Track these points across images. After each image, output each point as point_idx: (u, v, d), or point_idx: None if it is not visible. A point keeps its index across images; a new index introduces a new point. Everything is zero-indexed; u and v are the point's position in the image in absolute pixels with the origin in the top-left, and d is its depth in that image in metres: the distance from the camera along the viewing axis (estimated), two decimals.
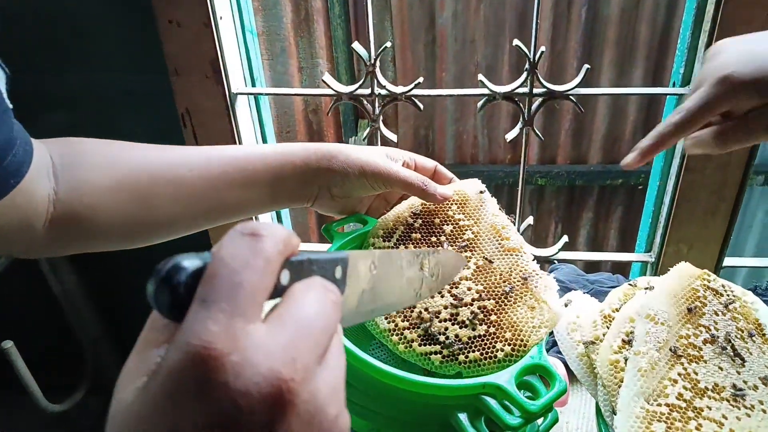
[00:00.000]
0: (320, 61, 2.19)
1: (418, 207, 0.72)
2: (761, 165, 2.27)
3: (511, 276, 0.69)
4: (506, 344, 0.63)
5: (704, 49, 0.85)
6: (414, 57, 2.17)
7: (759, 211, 2.41)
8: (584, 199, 2.31)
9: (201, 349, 0.22)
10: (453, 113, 2.24)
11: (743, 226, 2.44)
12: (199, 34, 0.91)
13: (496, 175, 2.26)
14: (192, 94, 0.96)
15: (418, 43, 2.15)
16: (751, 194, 2.36)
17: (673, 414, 0.50)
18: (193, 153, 0.63)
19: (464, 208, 0.73)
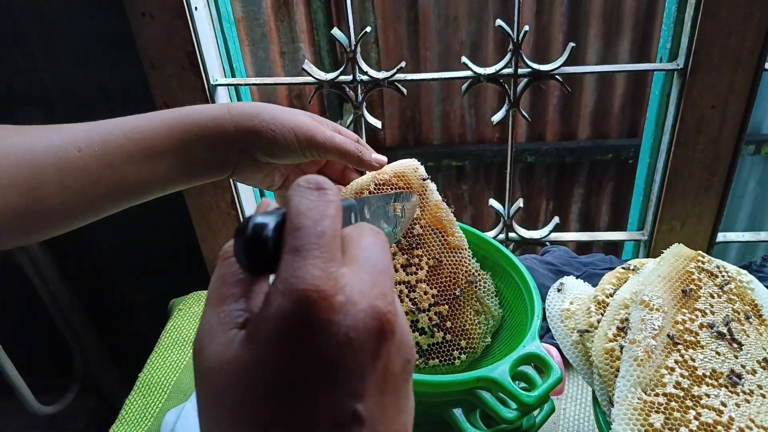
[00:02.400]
0: (302, 45, 2.15)
1: None
2: (751, 134, 2.26)
3: (458, 277, 0.68)
4: (462, 352, 0.66)
5: (690, 22, 0.83)
6: (397, 37, 2.13)
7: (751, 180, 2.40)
8: (575, 176, 2.30)
9: (311, 293, 0.25)
10: (439, 93, 2.21)
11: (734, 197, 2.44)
12: (174, 26, 0.88)
13: (484, 154, 2.24)
14: (169, 87, 0.93)
15: (400, 22, 2.12)
16: (743, 164, 2.35)
17: (671, 404, 0.49)
18: (82, 129, 0.54)
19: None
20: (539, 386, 0.54)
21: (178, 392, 0.87)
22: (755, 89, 0.87)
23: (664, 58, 0.90)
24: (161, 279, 1.24)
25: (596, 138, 2.23)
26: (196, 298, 1.04)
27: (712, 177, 0.94)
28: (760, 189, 2.41)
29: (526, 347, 0.58)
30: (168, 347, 0.94)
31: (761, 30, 0.83)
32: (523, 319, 0.65)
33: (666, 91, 0.91)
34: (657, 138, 0.96)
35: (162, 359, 0.92)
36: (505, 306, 0.70)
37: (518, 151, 2.24)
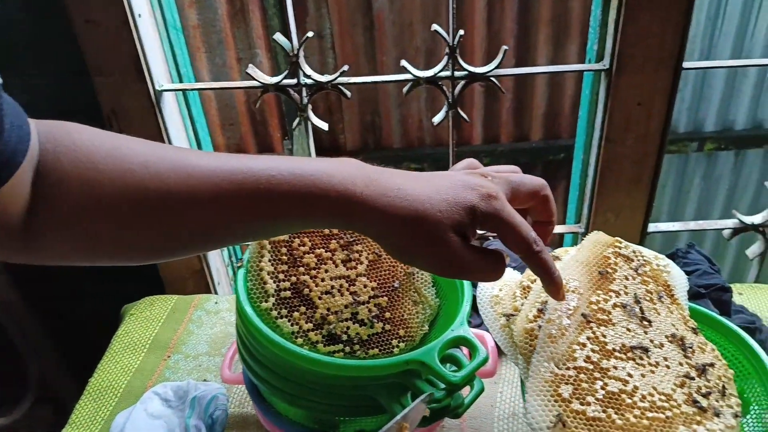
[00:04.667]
0: (259, 51, 2.17)
1: None
2: (695, 132, 2.36)
3: (396, 270, 0.72)
4: (400, 341, 0.69)
5: (614, 25, 0.88)
6: (353, 43, 2.17)
7: (696, 176, 2.50)
8: None
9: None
10: (397, 98, 2.25)
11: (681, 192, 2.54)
12: (118, 33, 0.89)
13: (442, 157, 2.29)
14: (116, 95, 0.95)
15: (356, 28, 2.15)
16: (687, 161, 2.45)
17: (580, 376, 0.53)
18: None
19: None
20: (465, 367, 0.58)
21: (129, 395, 0.88)
22: (676, 87, 0.92)
23: (592, 59, 0.95)
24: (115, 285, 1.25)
25: (548, 138, 2.30)
26: (147, 303, 1.05)
27: (641, 171, 1.00)
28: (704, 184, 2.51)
29: (454, 331, 0.61)
30: (119, 351, 0.96)
31: (677, 32, 0.88)
32: (456, 307, 0.69)
33: (595, 90, 0.96)
34: (589, 135, 1.01)
35: (113, 363, 0.93)
36: (441, 295, 0.74)
37: (474, 153, 2.29)
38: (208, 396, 0.79)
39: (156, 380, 0.90)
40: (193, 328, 0.99)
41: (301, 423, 0.66)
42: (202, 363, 0.93)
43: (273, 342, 0.58)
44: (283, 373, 0.60)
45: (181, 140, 1.03)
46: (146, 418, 0.81)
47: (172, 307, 1.03)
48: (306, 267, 0.68)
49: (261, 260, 0.66)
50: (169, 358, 0.94)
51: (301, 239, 0.69)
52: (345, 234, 0.71)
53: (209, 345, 0.96)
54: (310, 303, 0.67)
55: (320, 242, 0.70)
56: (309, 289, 0.67)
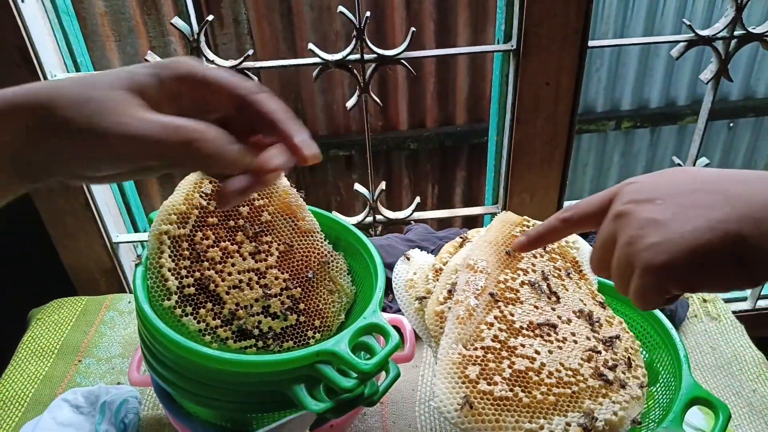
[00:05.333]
0: (172, 38, 2.08)
1: (208, 186, 0.66)
2: (612, 111, 2.45)
3: (310, 260, 0.70)
4: (316, 332, 0.68)
5: (518, 5, 0.89)
6: (271, 28, 2.12)
7: (615, 153, 2.60)
8: (456, 159, 2.39)
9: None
10: (320, 84, 2.22)
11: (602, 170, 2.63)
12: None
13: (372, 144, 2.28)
14: (4, 85, 0.88)
15: (273, 13, 2.10)
16: (606, 139, 2.54)
17: (487, 356, 0.53)
18: None
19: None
20: (377, 353, 0.57)
21: (37, 404, 0.83)
22: (582, 66, 0.94)
23: (500, 39, 0.95)
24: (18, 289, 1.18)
25: (473, 122, 2.33)
26: (56, 306, 0.99)
27: (553, 151, 1.02)
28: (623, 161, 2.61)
29: (366, 319, 0.60)
30: (26, 359, 0.90)
31: (581, 11, 0.90)
32: (371, 294, 0.68)
33: (504, 72, 0.97)
34: (501, 116, 1.02)
35: (19, 371, 0.88)
36: (358, 283, 0.73)
37: (401, 139, 2.30)
38: (118, 400, 0.75)
39: (66, 386, 0.85)
40: (105, 329, 0.95)
41: (212, 422, 0.64)
42: (116, 366, 0.88)
43: (175, 342, 0.55)
44: (188, 374, 0.57)
45: None
46: (55, 426, 0.76)
47: (82, 309, 0.98)
48: (211, 261, 0.65)
49: (161, 256, 0.63)
50: (80, 362, 0.89)
51: (204, 232, 0.66)
52: (253, 225, 0.69)
53: (122, 346, 0.91)
54: (217, 299, 0.64)
55: (225, 235, 0.67)
56: (215, 285, 0.64)
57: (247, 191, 0.40)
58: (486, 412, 0.49)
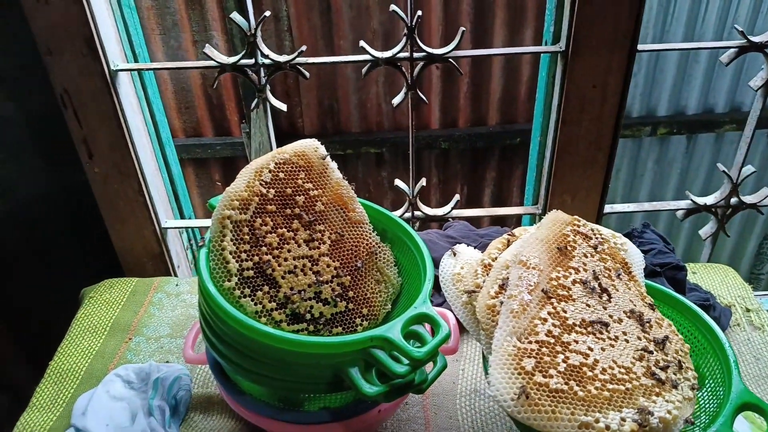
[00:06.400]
0: (214, 33, 2.12)
1: (268, 175, 0.69)
2: (649, 116, 2.43)
3: (359, 250, 0.73)
4: (364, 320, 0.70)
5: (569, 7, 0.90)
6: (310, 26, 2.14)
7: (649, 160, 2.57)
8: (487, 160, 2.39)
9: None
10: (355, 82, 2.24)
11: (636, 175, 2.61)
12: (70, 11, 0.86)
13: (402, 141, 2.30)
14: (69, 74, 0.91)
15: (313, 10, 2.13)
16: (641, 145, 2.51)
17: (542, 349, 0.55)
18: None
19: (310, 174, 0.72)
20: (428, 342, 0.59)
21: (90, 378, 0.87)
22: (630, 69, 0.95)
23: (548, 41, 0.96)
24: (71, 269, 1.22)
25: (505, 123, 2.33)
26: (107, 286, 1.03)
27: (597, 153, 1.02)
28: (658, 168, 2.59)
29: (417, 309, 0.62)
30: (79, 335, 0.93)
31: (633, 14, 0.91)
32: (418, 286, 0.70)
33: (551, 73, 0.98)
34: (546, 117, 1.03)
35: (73, 347, 0.91)
36: (404, 274, 0.75)
37: (432, 138, 2.31)
38: (171, 377, 0.78)
39: (117, 363, 0.89)
40: (154, 310, 0.98)
41: (264, 401, 0.66)
42: (164, 345, 0.92)
43: (237, 320, 0.58)
44: (247, 352, 0.60)
45: (137, 122, 1.01)
46: (108, 400, 0.80)
47: (132, 290, 1.01)
48: (268, 246, 0.68)
49: (223, 240, 0.66)
50: (131, 340, 0.93)
51: (263, 219, 0.68)
52: (308, 214, 0.71)
53: (171, 327, 0.95)
54: (273, 282, 0.67)
55: (282, 222, 0.69)
56: (272, 269, 0.67)
57: None
58: (542, 402, 0.50)
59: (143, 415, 0.76)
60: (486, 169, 2.40)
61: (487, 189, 2.43)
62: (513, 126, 2.31)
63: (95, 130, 0.96)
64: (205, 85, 2.21)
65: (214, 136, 2.34)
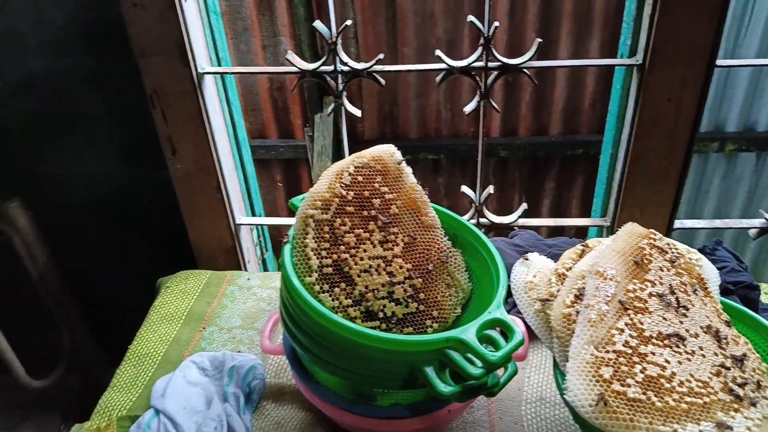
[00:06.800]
0: (283, 39, 2.18)
1: (348, 178, 0.72)
2: (717, 132, 2.36)
3: (431, 253, 0.74)
4: (434, 321, 0.72)
5: (648, 20, 0.89)
6: (376, 33, 2.18)
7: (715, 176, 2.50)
8: (546, 170, 2.37)
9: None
10: (416, 88, 2.27)
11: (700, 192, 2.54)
12: (164, 16, 0.92)
13: (459, 148, 2.31)
14: (159, 75, 0.97)
15: (379, 18, 2.17)
16: (707, 161, 2.45)
17: (620, 359, 0.55)
18: None
19: (386, 178, 0.75)
20: (503, 347, 0.60)
21: (167, 363, 0.91)
22: (708, 84, 0.94)
23: (624, 54, 0.96)
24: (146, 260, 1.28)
25: (567, 133, 2.31)
26: (183, 277, 1.08)
27: (669, 167, 1.01)
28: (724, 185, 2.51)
29: (491, 313, 0.63)
30: (157, 321, 0.99)
31: (712, 28, 0.90)
32: (490, 291, 0.71)
33: (626, 86, 0.98)
34: (618, 130, 1.02)
35: (151, 332, 0.96)
36: (474, 280, 0.76)
37: (492, 145, 2.31)
38: (246, 366, 0.82)
39: (192, 350, 0.93)
40: (226, 302, 1.02)
41: (339, 392, 0.69)
42: (236, 335, 0.96)
43: (320, 314, 0.60)
44: (327, 345, 0.62)
45: (218, 123, 1.06)
46: (185, 384, 0.84)
47: (206, 282, 1.06)
48: (346, 246, 0.70)
49: (305, 237, 0.69)
50: (204, 329, 0.97)
51: (342, 219, 0.71)
52: (383, 216, 0.73)
53: (242, 319, 0.99)
54: (350, 280, 0.70)
55: (359, 223, 0.72)
56: (349, 267, 0.70)
57: None
58: (620, 410, 0.51)
59: (218, 401, 0.80)
60: (545, 179, 2.38)
61: (545, 199, 2.41)
62: (575, 136, 2.29)
63: (180, 129, 1.02)
64: (272, 89, 2.27)
65: (278, 138, 2.40)
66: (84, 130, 1.13)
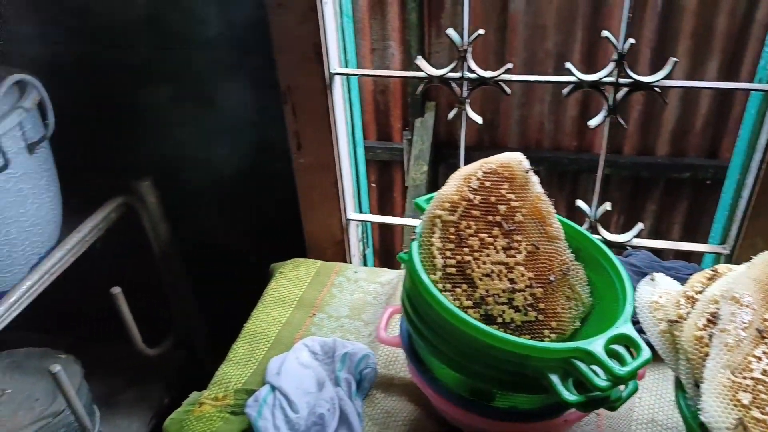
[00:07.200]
0: (391, 43, 2.24)
1: (476, 182, 0.74)
2: None
3: (553, 264, 0.75)
4: (552, 332, 0.72)
5: None
6: (484, 42, 2.20)
7: None
8: (649, 192, 2.30)
9: None
10: (519, 98, 2.26)
11: None
12: (305, 17, 0.97)
13: (560, 161, 2.28)
14: (294, 73, 1.03)
15: (489, 27, 2.18)
16: None
17: (758, 386, 0.54)
18: None
19: (513, 185, 0.76)
20: (630, 363, 0.60)
21: (279, 343, 0.96)
22: None
23: (763, 79, 0.93)
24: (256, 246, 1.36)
25: (674, 156, 2.23)
26: (295, 264, 1.13)
27: None
28: None
29: (619, 328, 0.64)
30: (270, 304, 1.04)
31: None
32: (613, 308, 0.71)
33: (762, 111, 0.94)
34: (748, 156, 0.99)
35: (265, 314, 1.02)
36: (596, 295, 0.76)
37: (593, 162, 2.26)
38: (359, 354, 0.85)
39: (303, 334, 0.98)
40: (335, 291, 1.07)
41: (454, 389, 0.71)
42: (344, 324, 1.00)
43: (448, 310, 0.63)
44: (452, 340, 0.65)
45: (341, 122, 1.11)
46: (298, 365, 0.89)
47: (317, 271, 1.11)
48: (470, 248, 0.72)
49: (432, 236, 0.71)
50: (314, 315, 1.02)
51: (467, 222, 0.73)
52: (508, 223, 0.75)
53: (350, 309, 1.03)
54: (471, 282, 0.71)
55: (484, 227, 0.74)
56: (471, 270, 0.72)
57: None
58: None
59: (330, 384, 0.84)
60: (646, 200, 2.31)
61: (646, 221, 2.34)
62: (683, 159, 2.21)
63: (307, 125, 1.07)
64: (376, 91, 2.33)
65: (376, 140, 2.46)
66: (216, 120, 1.21)
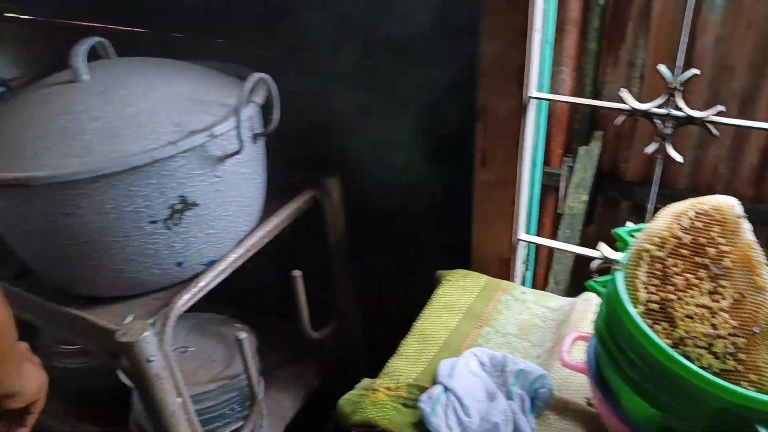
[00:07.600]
0: (564, 68, 2.22)
1: (687, 222, 0.74)
2: None
3: (758, 316, 0.71)
4: (750, 385, 0.69)
5: None
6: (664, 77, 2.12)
7: None
8: None
9: None
10: (696, 139, 2.15)
11: None
12: (515, 43, 1.01)
13: None
14: (493, 93, 1.07)
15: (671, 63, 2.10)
16: None
17: None
18: None
19: (724, 229, 0.74)
20: None
21: (447, 348, 1.01)
22: None
23: None
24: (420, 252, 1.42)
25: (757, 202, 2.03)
26: (461, 275, 1.18)
27: None
28: None
29: None
30: (438, 309, 1.10)
31: None
32: None
33: None
34: None
35: (434, 317, 1.07)
36: None
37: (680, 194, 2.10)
38: (535, 373, 0.88)
39: (470, 343, 1.02)
40: (501, 308, 1.10)
41: (641, 422, 0.71)
42: (511, 342, 1.02)
43: (657, 346, 0.64)
44: (653, 374, 0.65)
45: (528, 144, 1.14)
46: (466, 372, 0.93)
47: (484, 285, 1.15)
48: (675, 287, 0.72)
49: (637, 269, 0.72)
50: (481, 327, 1.05)
51: (675, 260, 0.73)
52: (715, 267, 0.74)
53: (517, 328, 1.05)
54: (672, 321, 0.71)
55: (691, 268, 0.73)
56: (674, 309, 0.71)
57: None
58: None
59: (502, 396, 0.87)
60: None
61: None
62: None
63: (496, 144, 1.11)
64: None
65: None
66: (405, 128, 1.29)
